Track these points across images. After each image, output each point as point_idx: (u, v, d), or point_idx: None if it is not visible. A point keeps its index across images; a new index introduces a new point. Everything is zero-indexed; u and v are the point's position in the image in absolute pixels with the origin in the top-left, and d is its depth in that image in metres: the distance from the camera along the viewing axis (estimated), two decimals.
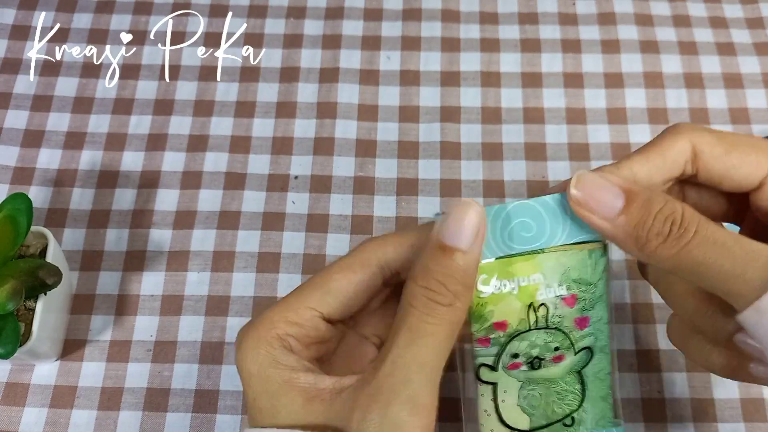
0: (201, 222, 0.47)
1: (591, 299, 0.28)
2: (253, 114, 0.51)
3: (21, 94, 0.52)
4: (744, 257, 0.23)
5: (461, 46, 0.54)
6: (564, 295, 0.28)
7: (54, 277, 0.38)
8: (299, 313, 0.27)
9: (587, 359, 0.29)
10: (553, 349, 0.28)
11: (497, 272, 0.27)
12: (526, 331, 0.28)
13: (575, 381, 0.29)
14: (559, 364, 0.29)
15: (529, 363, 0.28)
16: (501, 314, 0.28)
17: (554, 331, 0.28)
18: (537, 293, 0.27)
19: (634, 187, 0.25)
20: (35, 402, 0.42)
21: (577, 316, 0.28)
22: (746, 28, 0.54)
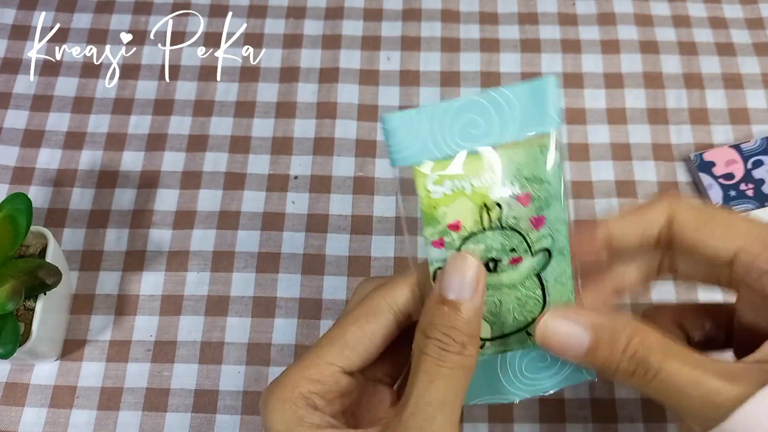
0: (201, 222, 0.47)
1: (546, 197, 0.27)
2: (253, 114, 0.51)
3: (21, 94, 0.52)
4: (701, 398, 0.24)
5: (461, 46, 0.54)
6: (518, 194, 0.27)
7: (54, 277, 0.38)
8: (320, 369, 0.27)
9: (546, 261, 0.28)
10: (510, 250, 0.28)
11: (448, 171, 0.27)
12: (480, 232, 0.27)
13: (535, 286, 0.28)
14: (517, 267, 0.28)
15: (485, 266, 0.28)
16: (454, 215, 0.27)
17: (510, 232, 0.28)
18: (490, 192, 0.27)
19: (598, 320, 0.26)
20: (35, 402, 0.42)
21: (532, 216, 0.28)
22: (746, 28, 0.54)
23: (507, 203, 0.27)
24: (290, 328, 0.44)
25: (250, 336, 0.43)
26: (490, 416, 0.41)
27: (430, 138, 0.27)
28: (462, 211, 0.27)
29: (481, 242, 0.28)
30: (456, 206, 0.27)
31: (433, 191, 0.27)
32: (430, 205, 0.27)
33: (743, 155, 0.48)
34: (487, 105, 0.27)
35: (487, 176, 0.27)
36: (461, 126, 0.27)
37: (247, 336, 0.43)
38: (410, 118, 0.27)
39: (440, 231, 0.28)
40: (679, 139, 0.50)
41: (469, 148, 0.27)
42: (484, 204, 0.27)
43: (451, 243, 0.28)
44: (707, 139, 0.50)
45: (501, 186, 0.27)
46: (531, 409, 0.41)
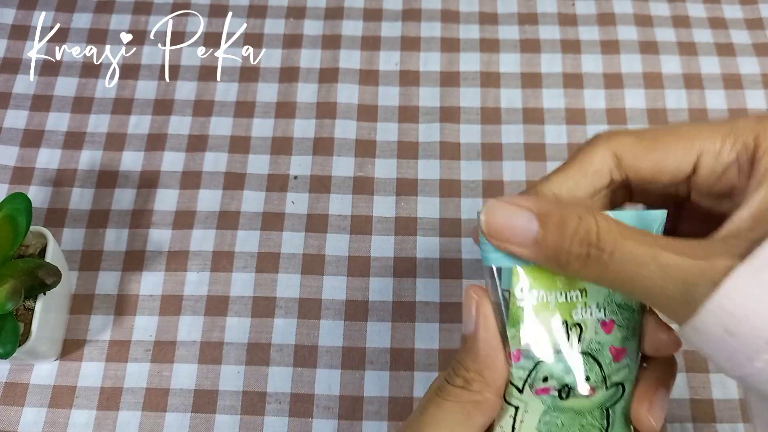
0: (200, 222, 0.47)
1: (632, 328, 0.26)
2: (253, 114, 0.51)
3: (21, 93, 0.52)
4: (661, 274, 0.22)
5: (461, 47, 0.54)
6: (603, 319, 0.26)
7: (53, 277, 0.38)
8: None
9: (619, 396, 0.27)
10: (585, 379, 0.26)
11: (539, 281, 0.26)
12: (560, 351, 0.26)
13: (602, 416, 0.27)
14: (590, 398, 0.26)
15: (558, 391, 0.26)
16: (536, 327, 0.26)
17: (589, 359, 0.26)
18: (574, 312, 0.26)
19: (545, 205, 0.24)
20: (34, 402, 0.42)
21: (613, 346, 0.26)
22: (746, 28, 0.54)
23: (591, 326, 0.26)
24: (290, 328, 0.44)
25: (249, 336, 0.43)
26: None
27: None
28: (545, 324, 0.26)
29: (561, 362, 0.26)
30: (539, 318, 0.26)
31: (520, 298, 0.26)
32: (515, 308, 0.26)
33: None
34: None
35: (574, 294, 0.26)
36: None
37: (247, 336, 0.43)
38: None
39: (520, 339, 0.26)
40: None
41: None
42: (565, 321, 0.26)
43: (528, 357, 0.26)
44: None
45: (586, 306, 0.26)
46: None
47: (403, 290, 0.45)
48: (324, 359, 0.43)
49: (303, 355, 0.43)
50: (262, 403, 0.42)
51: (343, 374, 0.42)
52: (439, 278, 0.45)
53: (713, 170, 0.25)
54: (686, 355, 0.43)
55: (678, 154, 0.25)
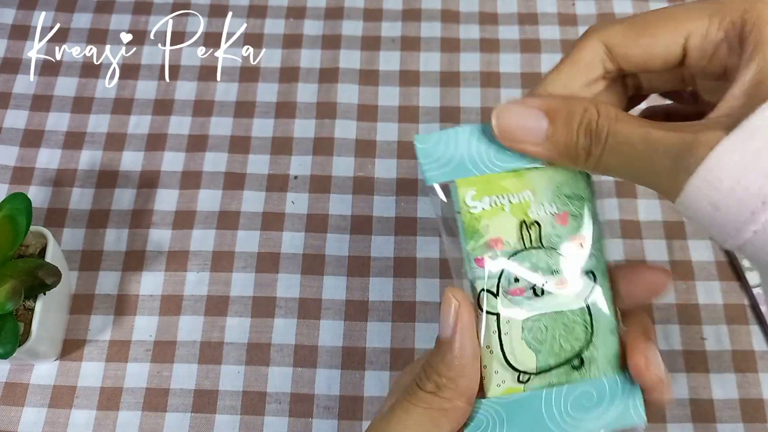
0: (200, 222, 0.47)
1: (587, 216, 0.27)
2: (253, 114, 0.51)
3: (21, 93, 0.52)
4: (650, 151, 0.22)
5: (461, 47, 0.54)
6: (556, 213, 0.27)
7: (53, 277, 0.38)
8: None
9: (591, 285, 0.27)
10: (553, 272, 0.27)
11: (487, 188, 0.27)
12: (522, 250, 0.27)
13: (582, 311, 0.27)
14: (563, 291, 0.27)
15: (532, 288, 0.27)
16: (495, 230, 0.27)
17: (552, 252, 0.27)
18: (528, 210, 0.27)
19: (553, 103, 0.25)
20: (34, 402, 0.42)
21: (572, 235, 0.27)
22: None
23: (546, 221, 0.27)
24: (290, 328, 0.44)
25: (249, 336, 0.43)
26: None
27: (467, 157, 0.27)
28: (503, 227, 0.27)
29: (526, 260, 0.27)
30: (497, 221, 0.27)
31: (472, 206, 0.27)
32: (470, 218, 0.27)
33: None
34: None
35: (525, 195, 0.27)
36: (497, 147, 0.27)
37: (247, 336, 0.43)
38: (445, 138, 0.27)
39: (482, 246, 0.27)
40: None
41: (506, 168, 0.27)
42: (523, 221, 0.27)
43: (493, 259, 0.27)
44: None
45: (539, 204, 0.27)
46: None
47: (403, 290, 0.45)
48: (324, 359, 0.43)
49: (303, 355, 0.43)
50: (262, 403, 0.42)
51: (343, 374, 0.42)
52: (439, 278, 0.45)
53: (703, 51, 0.24)
54: (686, 356, 0.43)
55: (666, 38, 0.25)
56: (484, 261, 0.27)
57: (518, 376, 0.27)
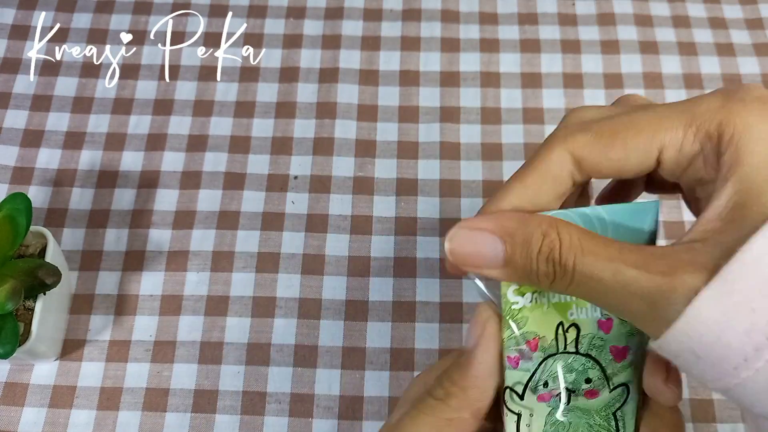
0: (200, 222, 0.47)
1: (632, 325, 0.25)
2: (253, 114, 0.51)
3: (21, 93, 0.52)
4: (623, 292, 0.21)
5: (461, 47, 0.54)
6: (600, 318, 0.25)
7: (53, 277, 0.38)
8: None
9: (624, 398, 0.26)
10: (585, 381, 0.25)
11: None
12: (557, 353, 0.25)
13: (609, 419, 0.26)
14: (592, 401, 0.26)
15: (559, 395, 0.26)
16: (532, 327, 0.25)
17: (588, 360, 0.25)
18: (569, 312, 0.25)
19: (508, 225, 0.23)
20: (34, 402, 0.42)
21: (614, 345, 0.25)
22: (746, 28, 0.54)
23: (588, 325, 0.25)
24: (290, 328, 0.44)
25: (249, 336, 0.43)
26: None
27: None
28: (541, 325, 0.25)
29: (561, 362, 0.25)
30: (535, 319, 0.25)
31: (513, 301, 0.25)
32: (509, 311, 0.25)
33: None
34: (577, 219, 0.24)
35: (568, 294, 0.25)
36: None
37: (247, 336, 0.43)
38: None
39: (516, 340, 0.25)
40: None
41: None
42: (561, 322, 0.25)
43: (526, 359, 0.25)
44: None
45: (581, 306, 0.25)
46: None
47: (403, 290, 0.45)
48: (324, 359, 0.43)
49: (303, 355, 0.43)
50: (262, 403, 0.42)
51: (343, 374, 0.42)
52: (439, 278, 0.45)
53: (678, 163, 0.24)
54: None
55: (638, 151, 0.24)
56: (515, 359, 0.25)
57: None
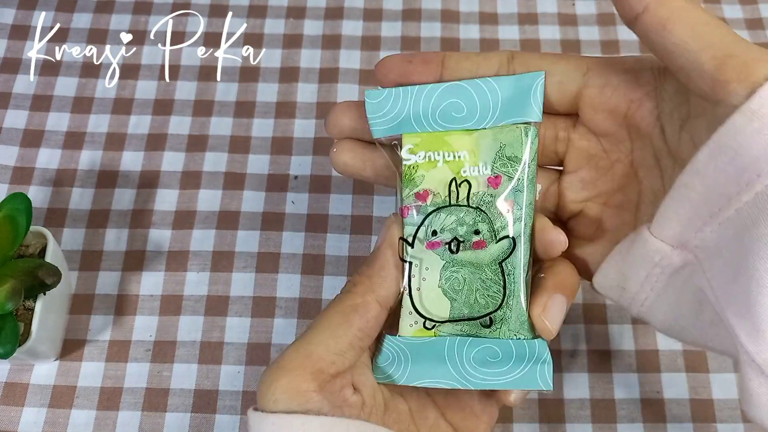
0: (200, 222, 0.47)
1: (520, 181, 0.28)
2: (253, 114, 0.51)
3: (20, 93, 0.52)
4: (700, 44, 0.23)
5: (461, 47, 0.54)
6: (489, 176, 0.28)
7: (53, 277, 0.38)
8: (352, 344, 0.28)
9: (510, 249, 0.28)
10: (474, 232, 0.28)
11: (426, 143, 0.28)
12: (447, 206, 0.28)
13: (497, 272, 0.28)
14: (480, 252, 0.28)
15: (448, 244, 0.28)
16: (427, 183, 0.28)
17: (478, 212, 0.28)
18: (462, 169, 0.28)
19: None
20: (34, 402, 0.42)
21: (502, 199, 0.28)
22: (745, 28, 0.54)
23: (477, 182, 0.28)
24: (290, 329, 0.44)
25: (249, 336, 0.43)
26: None
27: (412, 115, 0.28)
28: (434, 180, 0.28)
29: (450, 216, 0.28)
30: (429, 175, 0.28)
31: (406, 158, 0.28)
32: (407, 168, 0.29)
33: None
34: (471, 91, 0.28)
35: (463, 153, 0.28)
36: (443, 108, 0.28)
37: (247, 336, 0.43)
38: (394, 96, 0.28)
39: (412, 196, 0.29)
40: None
41: (448, 128, 0.28)
42: (453, 178, 0.28)
43: (417, 210, 0.28)
44: None
45: (474, 165, 0.28)
46: (530, 409, 0.41)
47: None
48: None
49: None
50: None
51: None
52: None
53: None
54: (686, 355, 0.43)
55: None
56: (406, 210, 0.29)
57: (425, 322, 0.28)
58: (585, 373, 0.42)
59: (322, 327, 0.28)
